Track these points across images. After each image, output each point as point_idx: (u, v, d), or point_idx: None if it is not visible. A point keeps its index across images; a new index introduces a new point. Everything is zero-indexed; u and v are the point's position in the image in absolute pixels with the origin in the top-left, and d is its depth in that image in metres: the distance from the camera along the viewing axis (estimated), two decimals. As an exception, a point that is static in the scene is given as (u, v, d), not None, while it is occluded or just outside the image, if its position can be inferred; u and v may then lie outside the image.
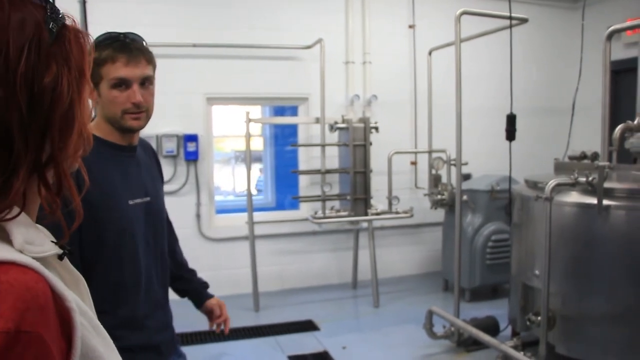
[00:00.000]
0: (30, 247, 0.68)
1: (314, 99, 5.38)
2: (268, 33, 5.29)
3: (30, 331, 0.60)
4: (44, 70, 0.69)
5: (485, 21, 4.19)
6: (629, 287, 3.05)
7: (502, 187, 4.92)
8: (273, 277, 5.46)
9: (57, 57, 0.72)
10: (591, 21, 4.92)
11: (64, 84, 0.71)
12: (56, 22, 0.72)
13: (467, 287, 5.02)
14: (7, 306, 0.59)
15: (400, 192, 5.41)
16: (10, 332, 0.58)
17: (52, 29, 0.71)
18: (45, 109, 0.69)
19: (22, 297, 0.61)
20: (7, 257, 0.63)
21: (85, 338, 0.69)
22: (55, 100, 0.70)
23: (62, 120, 0.72)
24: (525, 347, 3.53)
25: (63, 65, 0.72)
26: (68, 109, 0.72)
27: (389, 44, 5.77)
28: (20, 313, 0.59)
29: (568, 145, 4.31)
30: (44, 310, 0.63)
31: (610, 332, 3.10)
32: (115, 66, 1.58)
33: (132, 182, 1.68)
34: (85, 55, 0.77)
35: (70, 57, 0.73)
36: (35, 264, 0.65)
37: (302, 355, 3.96)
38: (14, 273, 0.62)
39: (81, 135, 0.76)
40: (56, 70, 0.71)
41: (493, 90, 5.77)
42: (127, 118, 1.62)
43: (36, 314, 0.61)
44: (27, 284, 0.62)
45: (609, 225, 3.09)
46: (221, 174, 7.81)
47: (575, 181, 3.17)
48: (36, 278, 0.64)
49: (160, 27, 4.87)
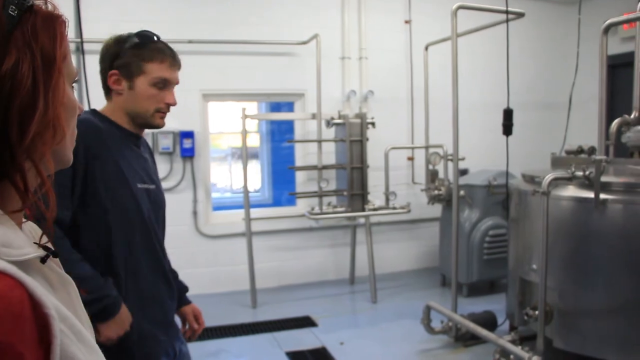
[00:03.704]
0: (8, 250, 0.64)
1: (311, 94, 5.37)
2: (264, 29, 5.27)
3: (1, 341, 0.57)
4: (3, 56, 0.65)
5: (481, 16, 4.18)
6: (626, 281, 3.05)
7: (499, 182, 4.92)
8: (270, 273, 5.45)
9: (18, 43, 0.67)
10: (587, 15, 4.91)
11: (23, 71, 0.67)
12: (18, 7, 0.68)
13: (465, 282, 5.02)
14: None
15: (398, 187, 5.41)
16: None
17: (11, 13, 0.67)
18: (3, 99, 0.65)
19: None
20: None
21: (65, 345, 0.66)
22: (14, 88, 0.66)
23: (22, 110, 0.66)
24: (523, 342, 3.53)
25: (25, 50, 0.68)
26: (29, 98, 0.67)
27: (385, 39, 5.76)
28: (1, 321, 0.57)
29: (565, 139, 4.30)
30: (18, 319, 0.60)
31: (607, 326, 3.11)
32: (161, 66, 1.69)
33: (139, 168, 1.75)
34: (57, 41, 0.73)
35: (33, 43, 0.69)
36: (12, 270, 0.61)
37: (300, 351, 3.96)
38: None
39: (49, 126, 0.70)
40: (16, 56, 0.66)
41: (489, 85, 5.76)
42: (157, 116, 1.73)
43: (8, 323, 0.58)
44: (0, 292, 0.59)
45: (606, 219, 3.09)
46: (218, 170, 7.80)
47: (572, 175, 3.16)
48: (11, 284, 0.61)
49: (155, 23, 4.75)
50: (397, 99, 5.83)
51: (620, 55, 5.28)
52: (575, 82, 4.33)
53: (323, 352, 3.96)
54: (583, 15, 4.63)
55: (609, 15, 3.28)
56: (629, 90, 3.70)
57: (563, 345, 3.29)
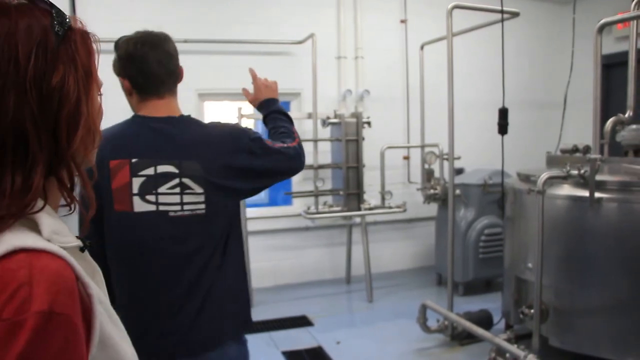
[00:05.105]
0: (57, 237, 0.73)
1: (306, 94, 5.36)
2: (260, 28, 5.27)
3: (62, 313, 0.65)
4: (52, 71, 0.74)
5: (477, 15, 4.18)
6: (621, 279, 3.07)
7: (494, 181, 4.94)
8: (266, 273, 5.45)
9: (64, 59, 0.76)
10: (582, 14, 4.92)
11: (70, 84, 0.76)
12: (62, 26, 0.77)
13: (461, 281, 5.03)
14: (41, 289, 0.64)
15: (393, 186, 5.42)
16: (44, 313, 0.63)
17: (58, 32, 0.76)
18: (54, 109, 0.74)
19: (54, 281, 0.66)
20: (39, 245, 0.69)
21: (103, 324, 0.74)
22: (63, 99, 0.75)
23: (70, 118, 0.76)
24: (519, 340, 3.54)
25: (70, 66, 0.77)
26: (75, 107, 0.77)
27: (381, 38, 5.76)
28: (53, 296, 0.65)
29: (560, 138, 4.32)
30: (72, 295, 0.68)
31: (602, 324, 3.12)
32: None
33: None
34: (92, 55, 0.82)
35: (76, 58, 0.78)
36: (63, 252, 0.71)
37: (297, 351, 3.96)
38: (45, 260, 0.68)
39: (89, 131, 0.80)
40: (63, 71, 0.75)
41: (485, 84, 5.78)
42: None
43: (66, 297, 0.67)
44: (57, 270, 0.68)
45: (601, 218, 3.10)
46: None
47: (567, 174, 3.18)
48: (64, 265, 0.69)
49: (150, 23, 4.73)
50: (393, 98, 5.84)
51: (615, 55, 5.30)
52: (570, 82, 4.34)
53: (319, 351, 3.96)
54: (577, 14, 4.64)
55: (603, 15, 3.29)
56: (623, 89, 3.72)
57: (559, 343, 3.30)
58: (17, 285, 0.64)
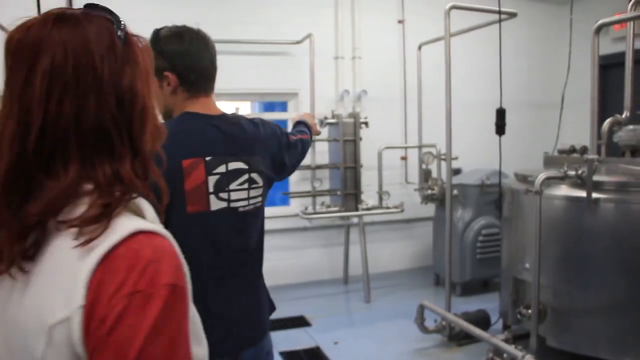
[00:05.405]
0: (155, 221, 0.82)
1: (304, 94, 5.36)
2: (257, 28, 5.26)
3: (181, 285, 0.75)
4: (122, 73, 0.80)
5: (474, 16, 4.19)
6: (618, 280, 3.07)
7: (492, 182, 4.94)
8: (264, 273, 5.42)
9: (129, 60, 0.82)
10: (579, 15, 4.93)
11: (137, 83, 0.82)
12: (122, 30, 0.83)
13: (458, 282, 5.03)
14: (165, 266, 0.73)
15: (391, 187, 5.42)
16: (171, 285, 0.73)
17: (120, 36, 0.82)
18: (127, 107, 0.81)
19: (172, 258, 0.76)
20: (150, 227, 0.77)
21: None
22: (133, 98, 0.81)
23: (140, 114, 0.83)
24: (517, 340, 3.55)
25: (134, 66, 0.83)
26: (143, 104, 0.83)
27: (378, 39, 5.76)
28: (175, 270, 0.75)
29: (557, 139, 4.32)
30: (183, 270, 0.77)
31: (600, 325, 3.13)
32: None
33: None
34: (148, 55, 0.88)
35: (137, 59, 0.84)
36: (168, 234, 0.79)
37: (294, 351, 3.96)
38: (159, 240, 0.76)
39: (155, 125, 0.87)
40: (130, 72, 0.82)
41: (483, 84, 5.78)
42: None
43: (181, 272, 0.76)
44: (170, 249, 0.77)
45: (598, 218, 3.11)
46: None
47: (564, 175, 3.18)
48: (171, 245, 0.78)
49: (148, 23, 4.77)
50: (391, 98, 5.84)
51: (612, 56, 5.32)
52: (568, 82, 4.35)
53: (317, 351, 3.96)
54: (575, 15, 4.65)
55: (600, 16, 3.30)
56: (620, 90, 3.73)
57: (556, 343, 3.31)
58: (145, 262, 0.72)
